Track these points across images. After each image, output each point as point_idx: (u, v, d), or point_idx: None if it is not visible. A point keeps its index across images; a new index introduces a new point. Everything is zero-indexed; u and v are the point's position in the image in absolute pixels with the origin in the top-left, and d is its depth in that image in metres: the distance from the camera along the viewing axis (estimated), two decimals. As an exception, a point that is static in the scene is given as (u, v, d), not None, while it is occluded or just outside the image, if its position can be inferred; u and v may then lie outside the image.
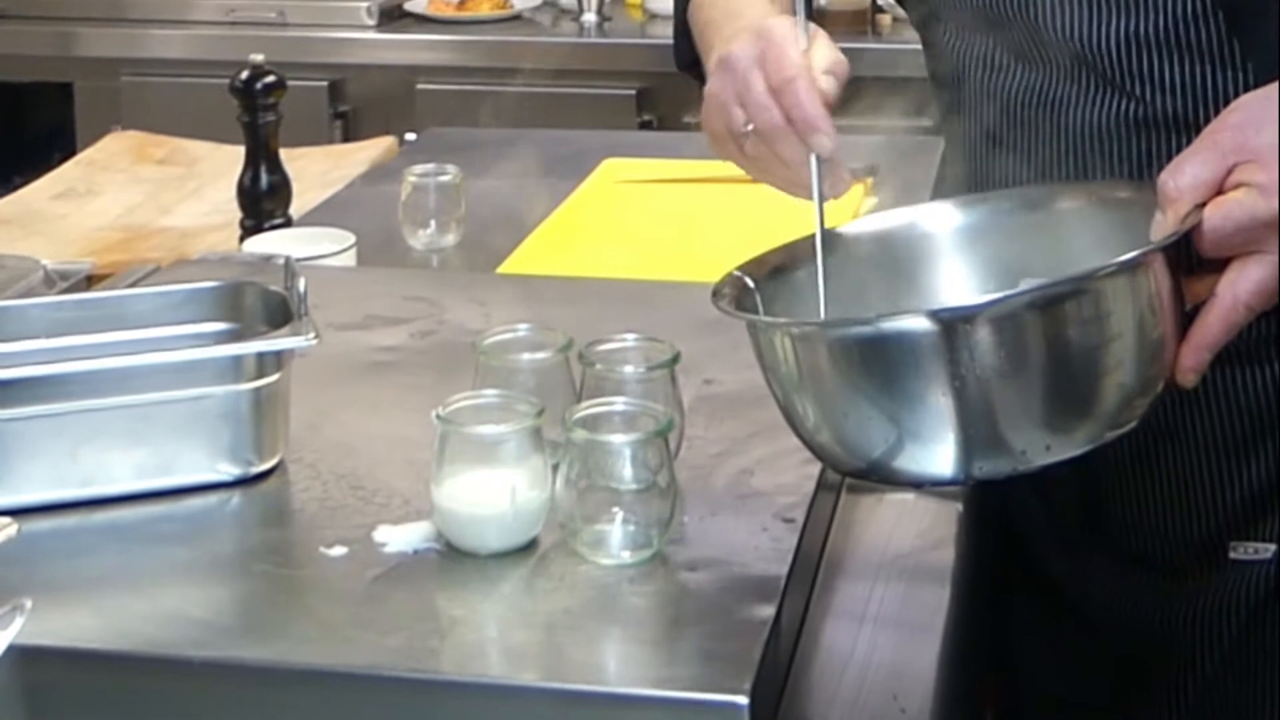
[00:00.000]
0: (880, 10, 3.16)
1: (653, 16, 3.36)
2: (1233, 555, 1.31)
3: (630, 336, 1.20)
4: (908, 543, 1.24)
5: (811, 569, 1.17)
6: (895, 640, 1.13)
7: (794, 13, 1.15)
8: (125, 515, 1.15)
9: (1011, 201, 1.20)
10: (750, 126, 1.15)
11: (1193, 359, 1.05)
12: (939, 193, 1.33)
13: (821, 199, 1.13)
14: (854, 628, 1.14)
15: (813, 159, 1.13)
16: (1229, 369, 1.28)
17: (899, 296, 1.15)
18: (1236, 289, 1.04)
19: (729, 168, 1.22)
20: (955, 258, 1.17)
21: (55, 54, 3.46)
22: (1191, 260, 1.06)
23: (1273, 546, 1.30)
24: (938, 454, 1.00)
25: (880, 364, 1.00)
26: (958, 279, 1.17)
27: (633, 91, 3.11)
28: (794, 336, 1.04)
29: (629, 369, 1.17)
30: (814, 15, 1.18)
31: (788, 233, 1.19)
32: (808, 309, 1.12)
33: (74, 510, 1.15)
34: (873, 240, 1.17)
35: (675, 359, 1.17)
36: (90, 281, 1.84)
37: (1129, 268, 1.01)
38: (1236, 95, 1.19)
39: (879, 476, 1.06)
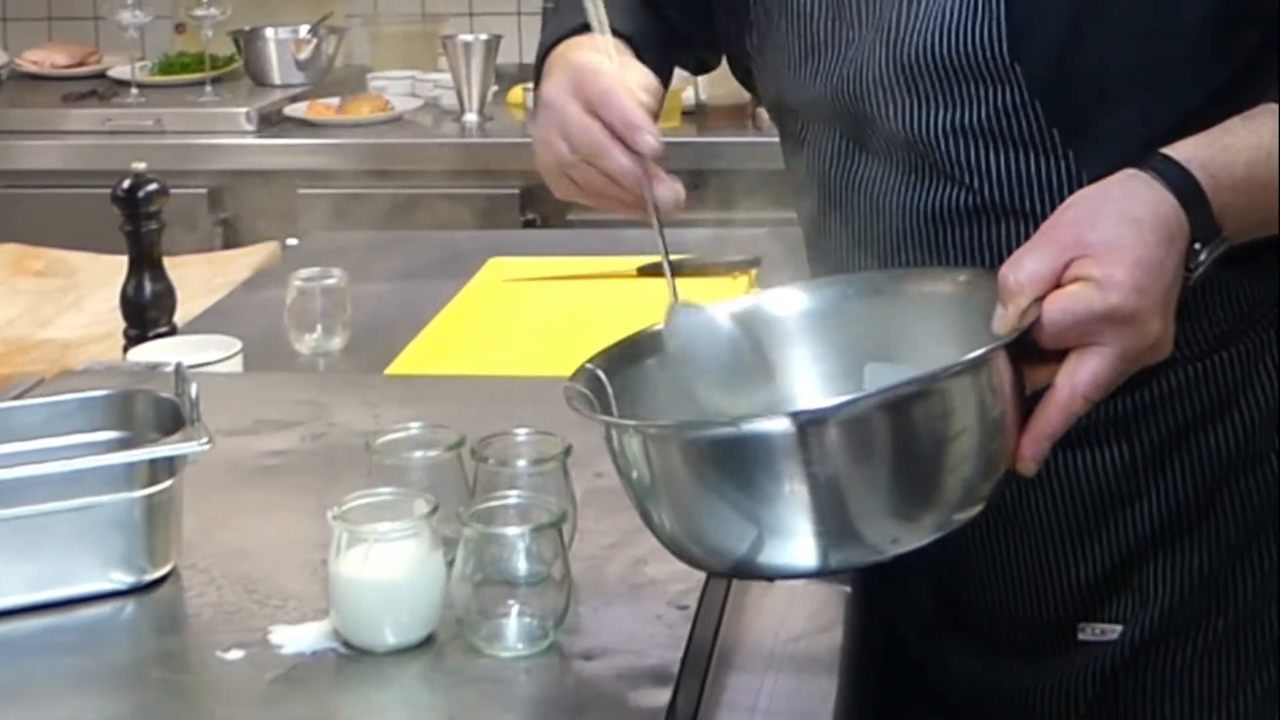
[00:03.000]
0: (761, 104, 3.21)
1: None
2: (1081, 637, 1.34)
3: (522, 431, 1.22)
4: (799, 625, 1.26)
5: (705, 655, 1.19)
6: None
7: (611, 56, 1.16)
8: (18, 627, 1.14)
9: (856, 286, 1.22)
10: (574, 156, 1.17)
11: (1032, 449, 1.07)
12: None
13: (657, 207, 1.14)
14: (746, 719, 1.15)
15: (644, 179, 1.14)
16: (1069, 453, 1.30)
17: (747, 383, 1.16)
18: (1074, 380, 1.07)
19: (613, 264, 1.25)
20: (802, 342, 1.18)
21: (-75, 166, 3.42)
22: (1031, 349, 1.07)
23: (1118, 627, 1.33)
24: (793, 548, 1.02)
25: (734, 464, 1.01)
26: (804, 365, 1.18)
27: (516, 190, 3.13)
28: (647, 436, 1.05)
29: (521, 463, 1.19)
30: (697, 109, 1.21)
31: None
32: (660, 399, 1.13)
33: (-34, 624, 1.14)
34: (718, 326, 1.17)
35: (567, 452, 1.19)
36: (-29, 396, 1.83)
37: (973, 366, 1.03)
38: (1060, 183, 1.24)
39: (735, 572, 1.07)
